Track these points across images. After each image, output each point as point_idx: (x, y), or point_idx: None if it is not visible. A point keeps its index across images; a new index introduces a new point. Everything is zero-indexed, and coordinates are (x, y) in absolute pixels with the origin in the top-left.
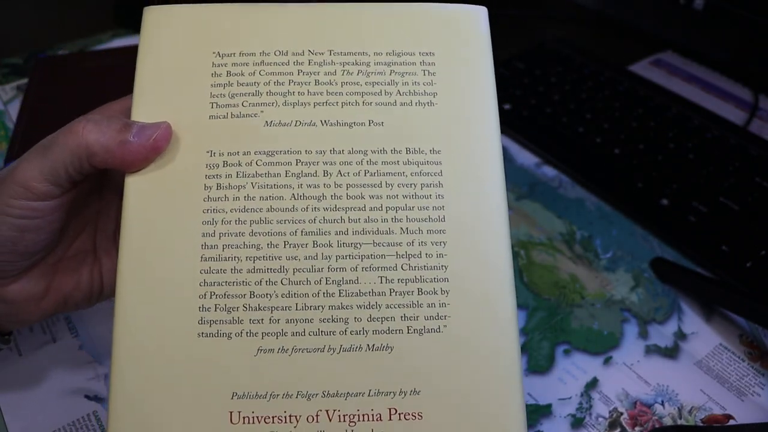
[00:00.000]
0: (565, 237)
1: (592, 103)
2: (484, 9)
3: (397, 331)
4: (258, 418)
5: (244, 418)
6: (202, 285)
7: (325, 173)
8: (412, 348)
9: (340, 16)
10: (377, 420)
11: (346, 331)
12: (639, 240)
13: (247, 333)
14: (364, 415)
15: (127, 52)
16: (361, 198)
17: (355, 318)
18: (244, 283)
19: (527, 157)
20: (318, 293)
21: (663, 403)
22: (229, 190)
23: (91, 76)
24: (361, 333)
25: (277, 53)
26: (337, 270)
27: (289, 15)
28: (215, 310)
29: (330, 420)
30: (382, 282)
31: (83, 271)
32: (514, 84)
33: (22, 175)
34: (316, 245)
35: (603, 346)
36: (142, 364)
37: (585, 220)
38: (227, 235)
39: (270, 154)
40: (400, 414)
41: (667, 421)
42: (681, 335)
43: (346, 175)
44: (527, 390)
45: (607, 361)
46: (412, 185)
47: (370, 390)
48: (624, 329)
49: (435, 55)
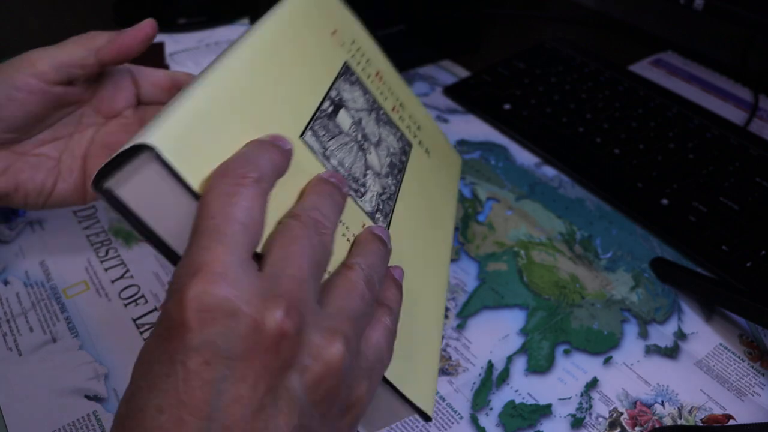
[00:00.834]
0: (565, 237)
1: (592, 102)
2: None
3: None
4: None
5: None
6: None
7: None
8: None
9: None
10: None
11: None
12: (639, 240)
13: None
14: None
15: None
16: None
17: None
18: None
19: (527, 157)
20: None
21: (663, 403)
22: None
23: None
24: None
25: None
26: None
27: None
28: None
29: None
30: None
31: (41, 171)
32: (514, 84)
33: (34, 54)
34: None
35: (603, 346)
36: None
37: (585, 220)
38: None
39: None
40: None
41: (667, 421)
42: (681, 335)
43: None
44: (527, 390)
45: (607, 361)
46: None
47: None
48: (624, 329)
49: None
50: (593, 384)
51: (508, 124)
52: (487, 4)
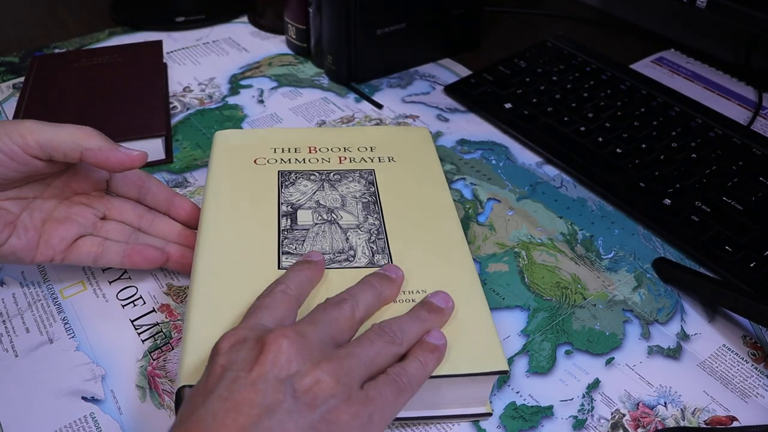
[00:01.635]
0: (566, 237)
1: (593, 101)
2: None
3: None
4: None
5: None
6: None
7: None
8: None
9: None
10: None
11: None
12: (641, 240)
13: None
14: None
15: (124, 49)
16: None
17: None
18: None
19: (528, 157)
20: None
21: (666, 405)
22: None
23: (88, 73)
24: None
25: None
26: None
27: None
28: None
29: None
30: None
31: None
32: (515, 82)
33: (27, 125)
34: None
35: (605, 347)
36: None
37: (587, 220)
38: None
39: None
40: None
41: (670, 423)
42: (684, 336)
43: None
44: (529, 391)
45: (609, 362)
46: None
47: None
48: (626, 330)
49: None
50: (595, 385)
51: (509, 123)
52: (488, 2)
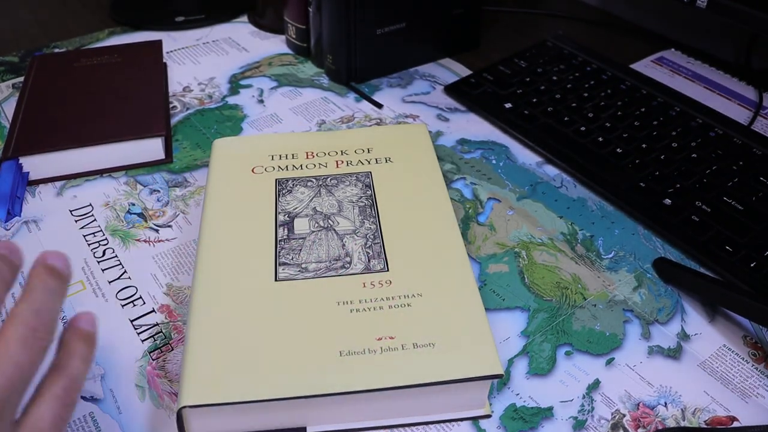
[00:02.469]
0: (566, 237)
1: (594, 101)
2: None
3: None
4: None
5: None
6: None
7: None
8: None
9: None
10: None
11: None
12: (641, 240)
13: None
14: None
15: (124, 49)
16: None
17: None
18: None
19: (528, 156)
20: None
21: (666, 405)
22: None
23: (87, 73)
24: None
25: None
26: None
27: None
28: None
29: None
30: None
31: None
32: (515, 82)
33: None
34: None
35: (605, 347)
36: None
37: (587, 220)
38: None
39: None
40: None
41: (671, 423)
42: (684, 336)
43: None
44: (529, 393)
45: (609, 362)
46: None
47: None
48: (626, 330)
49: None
50: (595, 386)
51: (509, 123)
52: (487, 2)
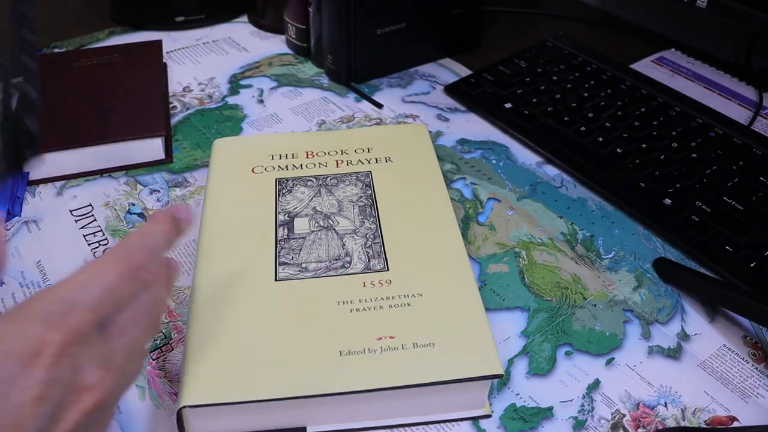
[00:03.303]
0: (566, 237)
1: (594, 101)
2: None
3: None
4: None
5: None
6: None
7: None
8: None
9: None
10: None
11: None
12: (641, 240)
13: None
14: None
15: (124, 49)
16: None
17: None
18: None
19: (528, 156)
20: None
21: (666, 405)
22: None
23: (87, 73)
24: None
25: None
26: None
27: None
28: None
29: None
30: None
31: None
32: (515, 82)
33: None
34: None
35: (605, 347)
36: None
37: (587, 220)
38: None
39: None
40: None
41: (670, 423)
42: (684, 336)
43: None
44: (529, 393)
45: (609, 362)
46: None
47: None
48: (626, 330)
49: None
50: (595, 386)
51: (510, 123)
52: (487, 2)
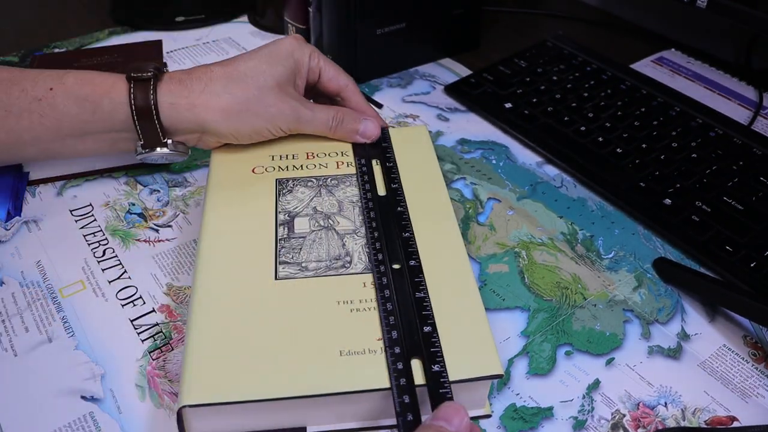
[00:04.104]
0: (566, 237)
1: (594, 101)
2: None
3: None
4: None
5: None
6: None
7: None
8: None
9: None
10: None
11: None
12: (642, 240)
13: None
14: None
15: (124, 49)
16: None
17: None
18: None
19: (528, 156)
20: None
21: (666, 405)
22: None
23: None
24: None
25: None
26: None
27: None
28: None
29: None
30: None
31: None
32: (515, 82)
33: (292, 121)
34: None
35: (605, 347)
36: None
37: (587, 220)
38: None
39: None
40: None
41: (671, 423)
42: (684, 336)
43: None
44: (529, 393)
45: (609, 362)
46: None
47: None
48: (626, 330)
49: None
50: (595, 386)
51: (510, 123)
52: (487, 2)
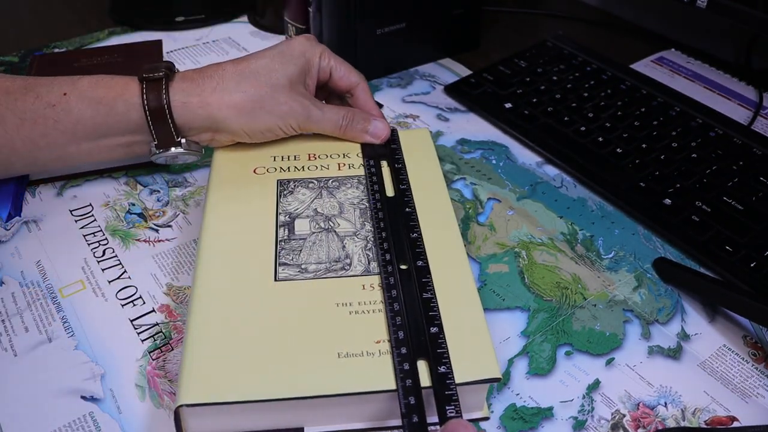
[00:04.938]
0: (566, 237)
1: (594, 101)
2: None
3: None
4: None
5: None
6: None
7: None
8: None
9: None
10: None
11: None
12: (641, 240)
13: None
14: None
15: (124, 49)
16: None
17: None
18: None
19: (528, 156)
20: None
21: (666, 405)
22: None
23: (87, 73)
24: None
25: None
26: None
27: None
28: None
29: None
30: None
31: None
32: (515, 82)
33: (302, 119)
34: None
35: (605, 347)
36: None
37: (587, 220)
38: None
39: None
40: None
41: (671, 423)
42: (684, 336)
43: None
44: (529, 393)
45: (609, 362)
46: None
47: None
48: (626, 330)
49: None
50: (595, 386)
51: (510, 123)
52: (487, 2)
